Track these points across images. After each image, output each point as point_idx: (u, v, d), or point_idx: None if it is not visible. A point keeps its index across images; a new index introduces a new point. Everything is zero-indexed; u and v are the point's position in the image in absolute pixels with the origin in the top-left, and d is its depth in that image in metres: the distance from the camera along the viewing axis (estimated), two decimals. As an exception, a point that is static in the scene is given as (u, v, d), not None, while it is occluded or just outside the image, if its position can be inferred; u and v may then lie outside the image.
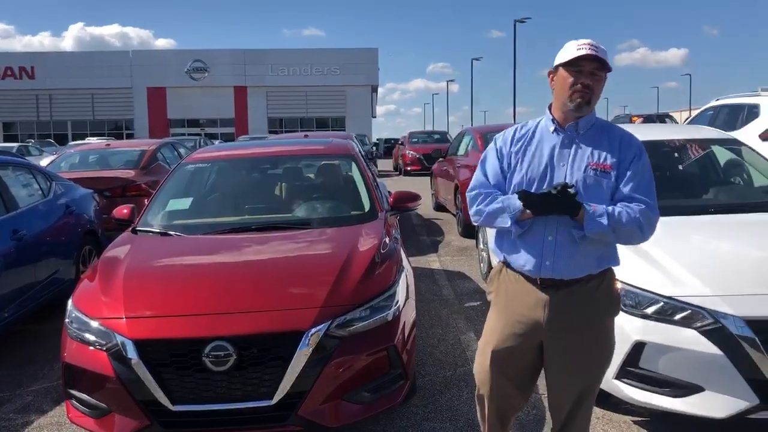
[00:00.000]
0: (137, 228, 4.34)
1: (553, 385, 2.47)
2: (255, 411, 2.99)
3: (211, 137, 34.80)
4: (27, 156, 20.95)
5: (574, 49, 2.22)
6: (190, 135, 30.97)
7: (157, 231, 4.27)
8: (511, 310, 2.40)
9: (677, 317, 3.06)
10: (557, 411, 2.52)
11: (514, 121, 29.12)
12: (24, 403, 4.03)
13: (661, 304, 3.11)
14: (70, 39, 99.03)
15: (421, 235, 9.76)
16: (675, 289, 3.13)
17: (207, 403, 2.98)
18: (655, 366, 3.09)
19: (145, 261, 3.86)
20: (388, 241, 3.90)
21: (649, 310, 3.13)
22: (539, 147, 2.34)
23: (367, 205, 4.54)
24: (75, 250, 6.15)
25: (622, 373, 3.19)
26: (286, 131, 42.88)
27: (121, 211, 4.53)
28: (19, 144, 27.56)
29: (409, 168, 22.79)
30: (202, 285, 3.41)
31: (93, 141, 24.78)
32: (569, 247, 2.25)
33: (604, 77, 2.27)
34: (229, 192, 5.07)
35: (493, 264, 3.50)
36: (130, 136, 45.12)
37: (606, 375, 3.18)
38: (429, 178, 14.11)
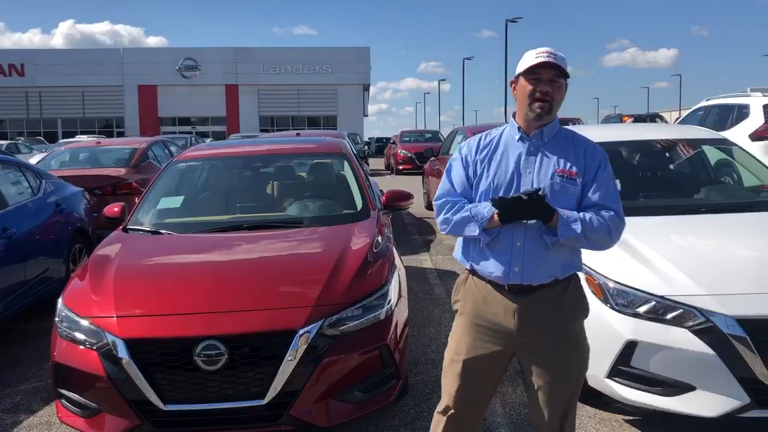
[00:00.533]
0: (128, 226, 4.31)
1: (535, 402, 2.40)
2: (247, 411, 2.97)
3: (202, 135, 34.66)
4: (16, 154, 20.88)
5: (532, 58, 2.26)
6: (181, 133, 30.81)
7: (148, 229, 4.24)
8: (480, 319, 2.38)
9: (669, 316, 3.07)
10: (541, 429, 2.44)
11: (505, 120, 29.15)
12: (13, 402, 3.99)
13: (653, 303, 3.12)
14: (60, 36, 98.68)
15: (413, 234, 9.75)
16: (667, 289, 3.14)
17: (198, 402, 2.97)
18: (646, 365, 3.10)
19: (136, 260, 3.84)
20: (380, 239, 3.89)
21: (641, 310, 3.14)
22: (505, 155, 2.36)
23: (359, 204, 4.52)
24: (65, 248, 6.10)
25: (614, 372, 3.19)
26: (277, 130, 42.70)
27: (112, 209, 4.51)
28: (8, 142, 27.37)
29: (400, 167, 22.87)
30: (194, 284, 3.39)
31: (83, 139, 24.63)
32: (537, 252, 2.27)
33: (564, 84, 2.30)
34: (221, 191, 5.04)
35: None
36: (120, 134, 44.73)
37: (598, 374, 3.21)
38: (421, 177, 14.11)
